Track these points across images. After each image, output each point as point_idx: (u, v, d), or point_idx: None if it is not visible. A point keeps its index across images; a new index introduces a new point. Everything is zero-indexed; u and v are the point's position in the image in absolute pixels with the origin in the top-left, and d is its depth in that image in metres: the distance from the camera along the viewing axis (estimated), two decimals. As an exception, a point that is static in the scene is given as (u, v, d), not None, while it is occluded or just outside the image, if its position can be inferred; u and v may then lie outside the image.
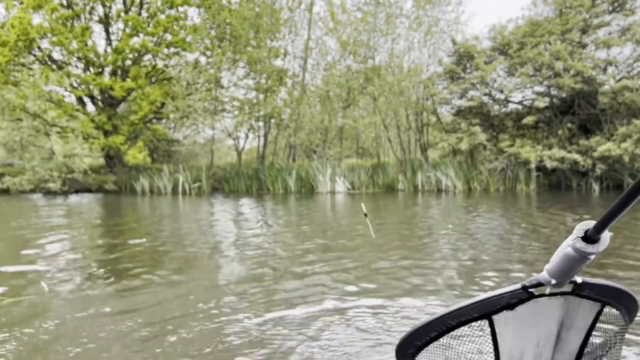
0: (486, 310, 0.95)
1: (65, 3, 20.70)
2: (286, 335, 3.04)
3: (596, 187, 15.78)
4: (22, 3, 19.63)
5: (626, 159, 14.73)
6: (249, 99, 21.53)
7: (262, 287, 4.25)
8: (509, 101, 18.84)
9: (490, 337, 0.97)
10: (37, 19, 19.90)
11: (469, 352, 1.00)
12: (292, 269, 4.94)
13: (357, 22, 20.68)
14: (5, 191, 19.08)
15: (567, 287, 0.93)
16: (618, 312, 1.01)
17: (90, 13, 21.24)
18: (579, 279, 0.92)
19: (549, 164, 15.98)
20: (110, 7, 21.35)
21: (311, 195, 17.10)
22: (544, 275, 0.90)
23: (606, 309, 1.00)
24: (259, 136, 22.27)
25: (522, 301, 0.94)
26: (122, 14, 21.00)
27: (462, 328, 0.97)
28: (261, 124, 21.94)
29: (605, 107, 16.18)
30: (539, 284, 0.91)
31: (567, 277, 0.89)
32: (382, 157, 21.68)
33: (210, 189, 19.14)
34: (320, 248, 6.21)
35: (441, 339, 0.99)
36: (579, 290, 0.94)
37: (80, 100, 21.71)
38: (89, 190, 19.68)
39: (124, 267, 5.21)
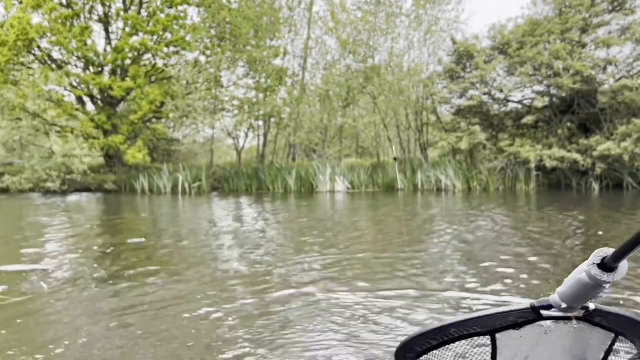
0: (490, 327, 0.92)
1: (64, 2, 20.67)
2: (278, 321, 3.04)
3: (596, 186, 15.77)
4: (21, 3, 19.60)
5: (626, 158, 14.73)
6: (248, 99, 21.51)
7: (258, 282, 4.25)
8: (508, 100, 18.83)
9: (490, 355, 0.94)
10: (36, 19, 19.89)
11: None
12: (287, 265, 4.94)
13: (357, 21, 20.67)
14: (5, 190, 19.08)
15: (579, 313, 0.89)
16: (632, 344, 0.95)
17: (90, 12, 21.22)
18: (592, 306, 0.88)
19: (549, 164, 15.98)
20: (110, 6, 21.33)
21: (311, 195, 17.10)
22: (554, 298, 0.86)
23: (620, 340, 0.94)
24: (258, 135, 22.27)
25: (529, 322, 0.90)
26: (122, 13, 20.99)
27: (462, 341, 0.94)
28: (261, 123, 21.94)
29: (605, 107, 16.17)
30: (549, 306, 0.87)
31: (580, 303, 0.85)
32: (382, 156, 21.67)
33: (210, 188, 19.14)
34: (319, 247, 6.21)
35: (441, 350, 0.96)
36: (591, 317, 0.89)
37: (80, 99, 21.70)
38: (89, 190, 19.67)
39: (124, 266, 5.21)
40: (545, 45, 16.96)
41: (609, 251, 0.79)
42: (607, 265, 0.78)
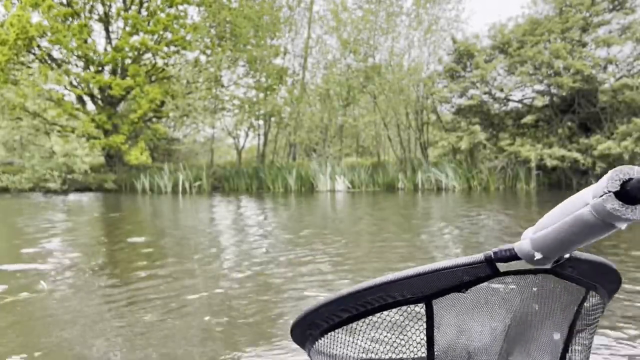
0: (424, 291, 0.67)
1: (64, 1, 20.68)
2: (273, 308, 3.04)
3: (596, 185, 15.76)
4: (21, 1, 19.60)
5: (626, 157, 14.73)
6: (249, 98, 21.52)
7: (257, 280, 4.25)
8: (509, 100, 18.83)
9: (424, 329, 0.70)
10: (36, 18, 19.89)
11: (391, 341, 0.73)
12: (283, 261, 4.94)
13: (357, 20, 20.67)
14: (5, 190, 19.08)
15: (548, 265, 0.65)
16: (599, 297, 0.76)
17: (90, 12, 21.22)
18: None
19: (549, 163, 15.98)
20: (110, 6, 21.34)
21: (311, 194, 17.11)
22: (522, 246, 0.61)
23: (591, 294, 0.74)
24: (259, 135, 22.27)
25: (480, 279, 0.66)
26: (122, 13, 20.98)
27: (387, 312, 0.71)
28: (261, 122, 21.94)
29: (606, 106, 16.18)
30: (512, 258, 0.62)
31: (563, 252, 0.60)
32: (382, 155, 21.67)
33: (211, 187, 19.14)
34: (318, 245, 6.21)
35: (356, 323, 0.73)
36: (560, 269, 0.66)
37: (80, 99, 21.70)
38: (89, 189, 19.69)
39: (124, 266, 5.21)
40: (545, 44, 16.95)
41: (630, 171, 0.51)
42: (631, 194, 0.51)
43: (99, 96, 21.49)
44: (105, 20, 21.48)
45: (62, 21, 20.08)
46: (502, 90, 18.24)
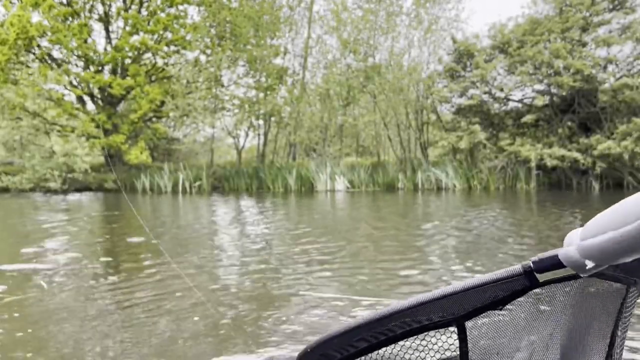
0: (455, 312, 0.60)
1: (64, 1, 20.67)
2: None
3: (596, 185, 15.77)
4: (21, 1, 19.59)
5: (626, 157, 14.72)
6: (249, 98, 21.51)
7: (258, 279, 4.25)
8: (509, 99, 18.82)
9: (458, 349, 0.63)
10: (36, 17, 19.88)
11: None
12: (281, 259, 4.94)
13: (357, 20, 20.66)
14: (5, 190, 19.08)
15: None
16: (637, 292, 0.68)
17: (90, 11, 21.21)
18: None
19: (549, 163, 15.98)
20: (110, 5, 21.32)
21: (311, 194, 17.10)
22: (569, 254, 0.53)
23: (631, 290, 0.66)
24: (259, 135, 22.27)
25: (516, 293, 0.59)
26: (122, 12, 20.97)
27: (411, 339, 0.63)
28: (261, 122, 21.93)
29: (606, 106, 16.17)
30: (556, 266, 0.54)
31: (623, 259, 0.50)
32: (382, 155, 21.67)
33: (211, 187, 19.14)
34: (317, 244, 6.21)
35: (376, 353, 0.64)
36: (605, 270, 0.56)
37: (80, 99, 21.69)
38: (89, 189, 19.68)
39: (123, 265, 5.21)
40: (545, 44, 16.94)
41: None
42: None
43: (99, 96, 21.49)
44: (105, 19, 21.47)
45: (62, 21, 20.07)
46: (502, 90, 18.23)
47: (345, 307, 3.47)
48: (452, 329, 0.62)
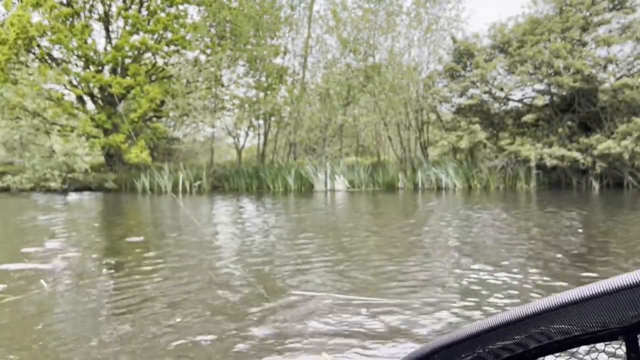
0: (621, 320, 0.42)
1: (65, 1, 20.65)
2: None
3: (596, 185, 15.76)
4: (21, 1, 19.58)
5: (626, 157, 14.71)
6: (249, 97, 21.50)
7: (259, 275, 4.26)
8: (509, 99, 18.81)
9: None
10: (36, 17, 19.87)
11: None
12: (279, 258, 4.94)
13: (357, 19, 20.64)
14: (5, 190, 19.08)
15: None
16: None
17: (90, 11, 21.20)
18: None
19: (549, 162, 15.97)
20: (110, 5, 21.31)
21: (310, 194, 17.10)
22: None
23: None
24: (259, 134, 22.26)
25: None
26: (122, 12, 20.96)
27: (550, 357, 0.48)
28: (261, 122, 21.92)
29: (606, 105, 16.16)
30: None
31: None
32: (382, 155, 21.65)
33: (211, 187, 19.13)
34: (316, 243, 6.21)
35: None
36: None
37: (80, 99, 21.68)
38: (89, 189, 19.68)
39: (123, 265, 5.21)
40: (545, 43, 16.94)
41: None
42: None
43: (99, 96, 21.48)
44: (106, 19, 21.46)
45: (63, 21, 20.06)
46: (502, 89, 18.22)
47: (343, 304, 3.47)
48: (619, 342, 0.45)
